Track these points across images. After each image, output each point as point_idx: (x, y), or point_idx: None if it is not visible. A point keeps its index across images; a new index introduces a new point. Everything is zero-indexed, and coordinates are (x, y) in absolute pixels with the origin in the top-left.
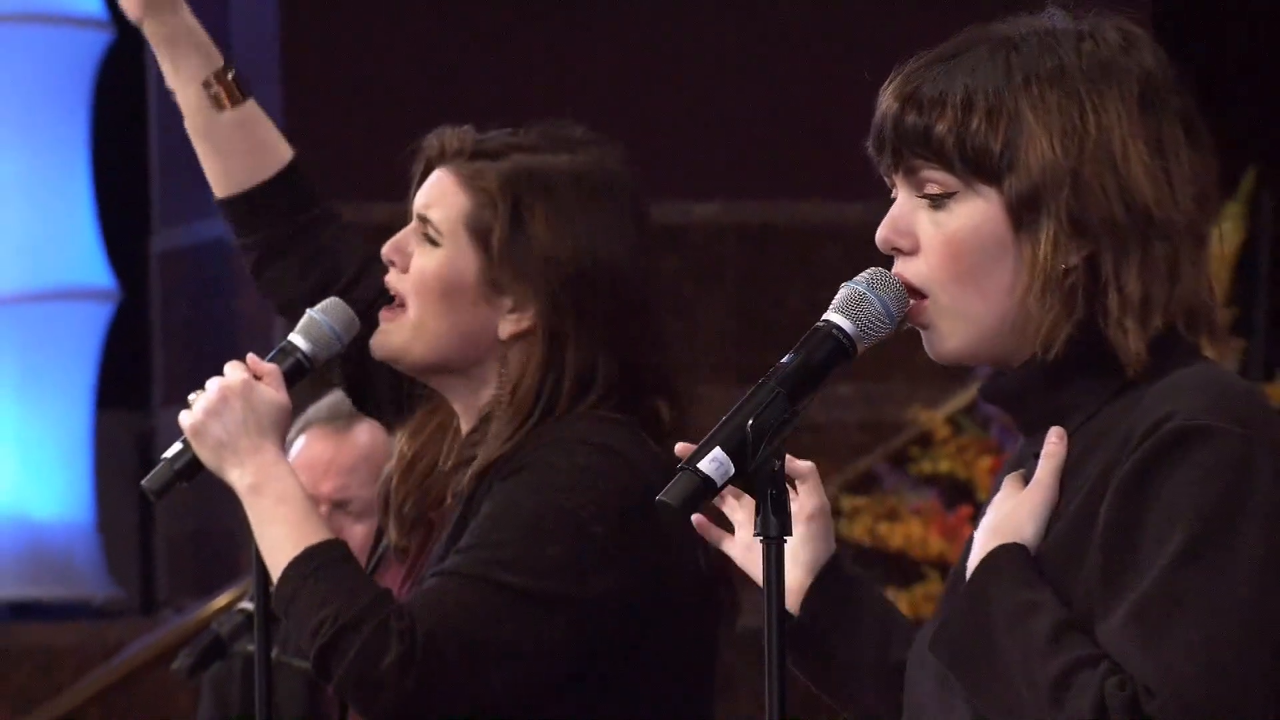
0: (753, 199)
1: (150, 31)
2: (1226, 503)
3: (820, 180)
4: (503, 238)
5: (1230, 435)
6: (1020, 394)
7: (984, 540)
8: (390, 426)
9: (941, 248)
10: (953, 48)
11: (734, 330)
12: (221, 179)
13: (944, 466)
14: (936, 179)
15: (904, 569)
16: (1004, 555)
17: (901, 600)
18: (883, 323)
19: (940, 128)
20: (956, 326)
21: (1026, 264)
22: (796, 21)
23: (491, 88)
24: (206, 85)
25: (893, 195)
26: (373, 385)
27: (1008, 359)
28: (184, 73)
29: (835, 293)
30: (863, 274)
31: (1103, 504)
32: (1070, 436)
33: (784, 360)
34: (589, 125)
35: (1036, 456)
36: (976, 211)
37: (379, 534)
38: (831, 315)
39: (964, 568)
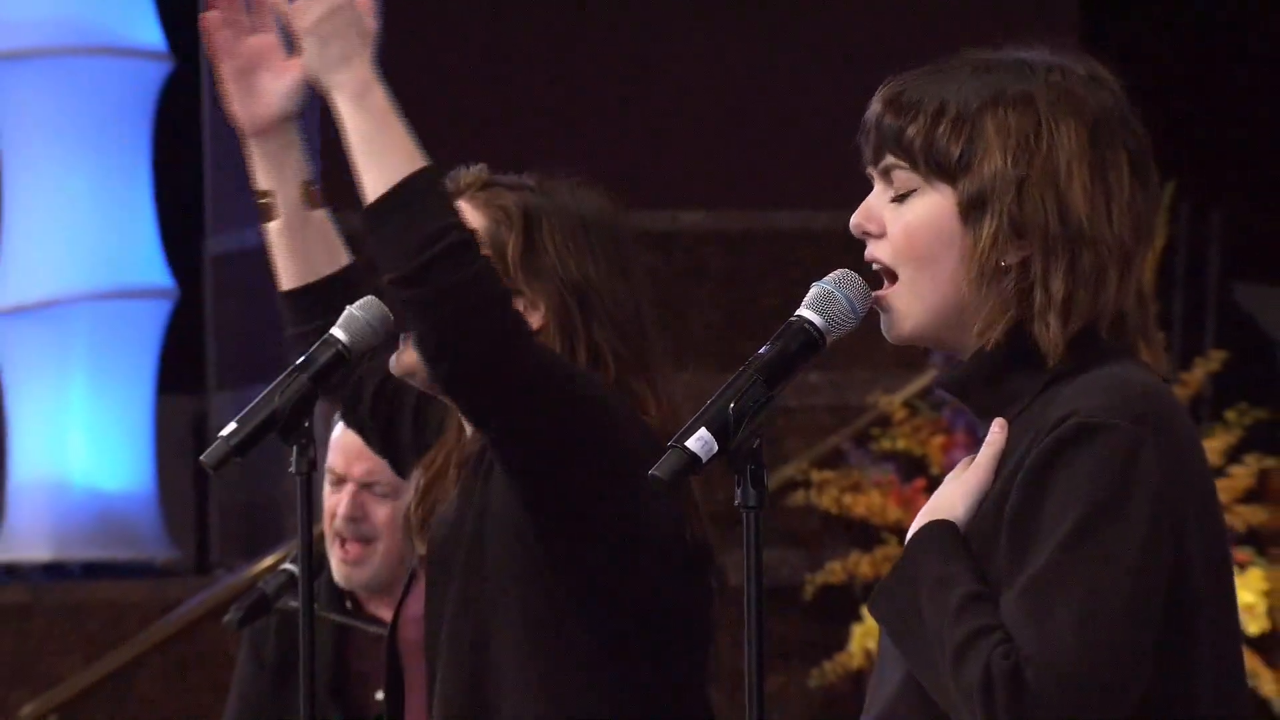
0: (733, 208)
1: (266, 143)
2: (1113, 493)
3: (793, 192)
4: (518, 247)
5: (1122, 431)
6: (967, 385)
7: (922, 517)
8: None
9: (900, 233)
10: (940, 65)
11: (717, 324)
12: (292, 271)
13: (901, 444)
14: (903, 178)
15: (866, 534)
16: (932, 531)
17: (864, 562)
18: (848, 317)
19: (911, 130)
20: (912, 305)
21: (968, 253)
22: (775, 53)
23: (503, 111)
24: (306, 184)
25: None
26: (399, 444)
27: (954, 344)
28: (287, 174)
29: (806, 292)
30: (831, 275)
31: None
32: (1010, 425)
33: (761, 351)
34: (592, 144)
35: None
36: (933, 205)
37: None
38: (803, 311)
39: None
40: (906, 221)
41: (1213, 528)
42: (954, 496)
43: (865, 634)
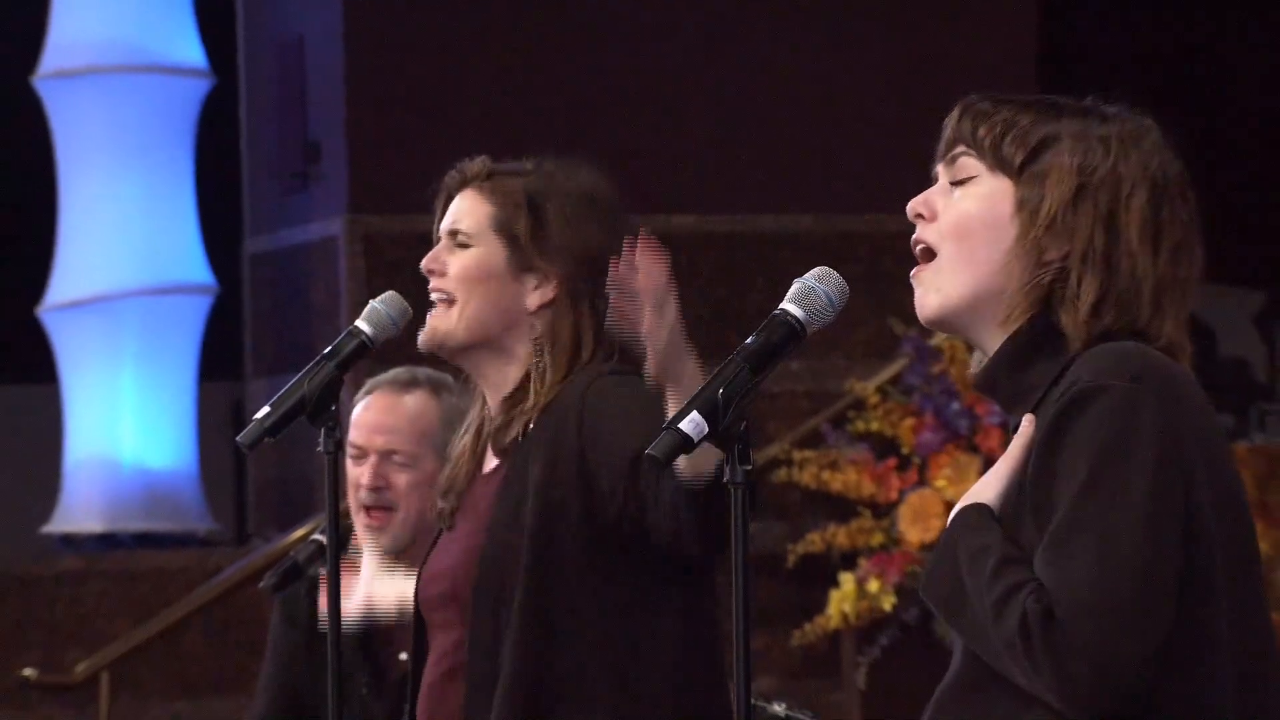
0: (722, 213)
1: None
2: (1117, 444)
3: (778, 197)
4: (527, 229)
5: (1119, 390)
6: (994, 375)
7: (958, 505)
8: None
9: (952, 214)
10: (1022, 96)
11: (707, 318)
12: None
13: (874, 426)
14: (969, 165)
15: (843, 508)
16: (966, 512)
17: (841, 533)
18: (827, 310)
19: (983, 129)
20: (944, 281)
21: (1019, 239)
22: (762, 70)
23: (514, 123)
24: None
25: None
26: None
27: (975, 329)
28: None
29: (789, 288)
30: (811, 271)
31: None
32: (1036, 413)
33: (748, 341)
34: (592, 153)
35: (1015, 430)
36: (989, 191)
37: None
38: (786, 305)
39: None
40: (961, 206)
41: (1222, 473)
42: (986, 483)
43: (842, 598)
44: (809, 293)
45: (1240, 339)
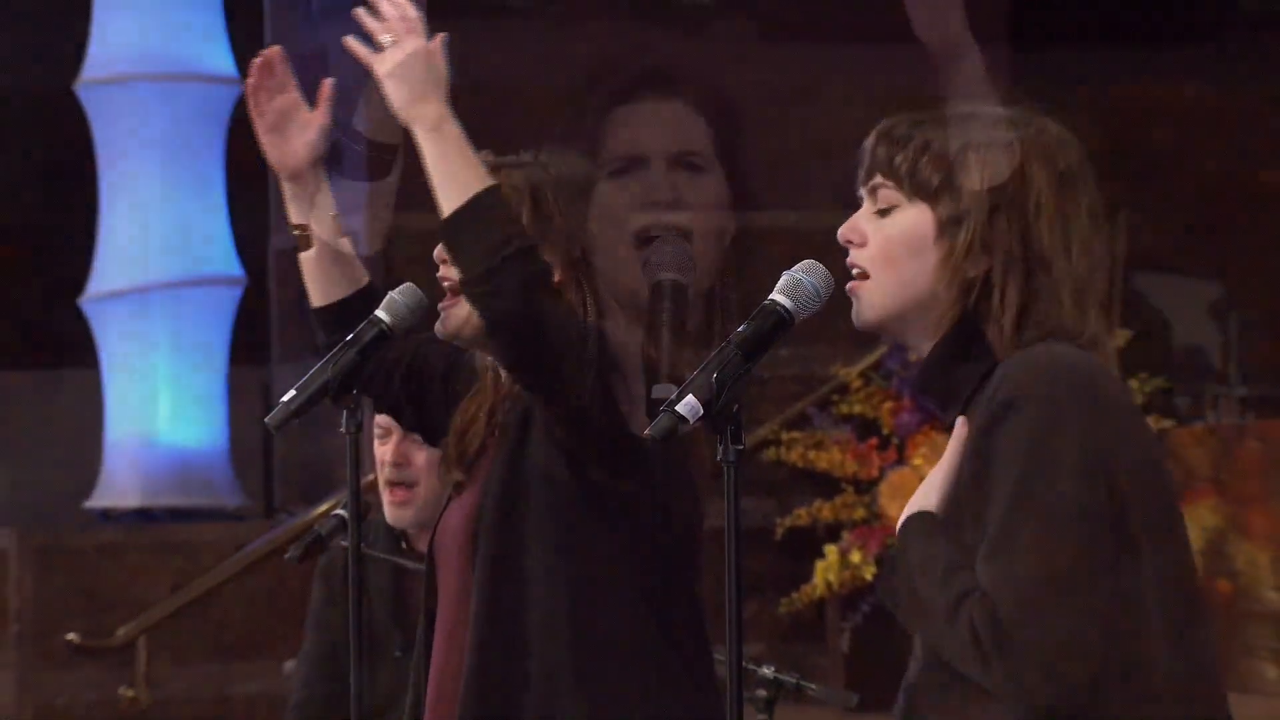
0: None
1: (298, 185)
2: (1041, 450)
3: (769, 194)
4: (531, 219)
5: (1041, 400)
6: (926, 380)
7: (905, 512)
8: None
9: (878, 241)
10: (930, 111)
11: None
12: (322, 291)
13: (857, 409)
14: (889, 196)
15: (828, 485)
16: (911, 522)
17: (826, 508)
18: (814, 301)
19: (899, 158)
20: (876, 300)
21: (942, 262)
22: (754, 74)
23: (520, 122)
24: (335, 217)
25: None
26: (431, 417)
27: (906, 336)
28: (319, 210)
29: (778, 279)
30: (799, 265)
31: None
32: (967, 414)
33: (740, 329)
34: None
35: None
36: (910, 219)
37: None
38: (775, 295)
39: None
40: (886, 233)
41: (1148, 465)
42: (928, 488)
43: (826, 569)
44: (797, 284)
45: (1197, 327)
